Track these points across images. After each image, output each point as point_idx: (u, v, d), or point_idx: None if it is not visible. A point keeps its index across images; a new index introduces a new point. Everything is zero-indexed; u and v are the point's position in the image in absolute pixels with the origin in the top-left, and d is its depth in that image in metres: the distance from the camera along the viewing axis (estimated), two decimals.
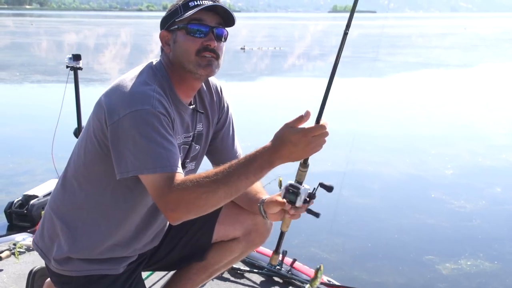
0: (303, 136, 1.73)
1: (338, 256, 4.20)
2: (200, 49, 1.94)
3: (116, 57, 24.27)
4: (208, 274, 2.40)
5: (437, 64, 20.82)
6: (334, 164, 6.62)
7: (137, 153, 1.80)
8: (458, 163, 6.87)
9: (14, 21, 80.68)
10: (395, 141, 8.06)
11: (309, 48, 29.15)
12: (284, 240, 2.21)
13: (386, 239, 4.56)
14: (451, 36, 45.59)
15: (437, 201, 5.45)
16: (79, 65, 4.25)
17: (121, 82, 1.93)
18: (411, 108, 10.94)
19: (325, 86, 1.90)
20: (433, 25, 79.44)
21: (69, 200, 2.08)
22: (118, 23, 74.42)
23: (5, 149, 7.30)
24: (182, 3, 1.97)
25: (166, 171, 1.78)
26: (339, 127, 8.77)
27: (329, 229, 4.69)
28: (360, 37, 42.68)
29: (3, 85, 13.85)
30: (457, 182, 6.13)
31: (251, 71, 19.19)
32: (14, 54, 23.26)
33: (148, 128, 1.80)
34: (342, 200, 5.45)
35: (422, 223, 4.89)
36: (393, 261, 4.15)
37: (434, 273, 3.92)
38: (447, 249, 4.36)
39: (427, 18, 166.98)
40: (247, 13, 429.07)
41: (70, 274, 2.07)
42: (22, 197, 4.23)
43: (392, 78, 16.51)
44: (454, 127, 9.17)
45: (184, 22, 1.95)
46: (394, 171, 6.48)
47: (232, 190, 1.77)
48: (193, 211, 1.79)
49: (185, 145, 2.10)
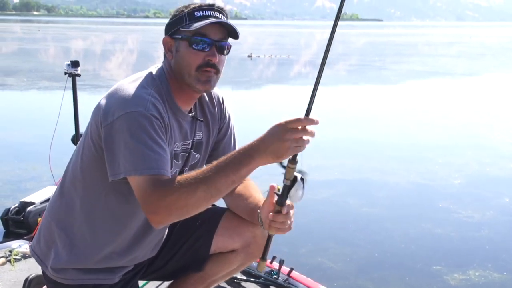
0: (292, 133, 1.71)
1: (344, 265, 4.16)
2: (202, 64, 1.94)
3: (123, 63, 24.37)
4: (206, 285, 2.37)
5: (444, 73, 20.78)
6: (341, 173, 6.62)
7: (127, 155, 1.80)
8: (466, 172, 6.83)
9: (22, 27, 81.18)
10: (402, 149, 8.02)
11: (315, 56, 29.16)
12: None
13: (393, 249, 4.51)
14: (457, 45, 45.56)
15: (445, 210, 5.41)
16: (77, 71, 4.22)
17: (119, 86, 1.94)
18: (418, 116, 10.89)
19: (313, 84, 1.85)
20: (439, 34, 79.41)
21: (66, 206, 2.07)
22: (125, 30, 74.77)
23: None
24: (187, 11, 1.95)
25: (152, 173, 1.77)
26: (345, 136, 8.77)
27: (335, 238, 4.68)
28: (367, 46, 42.77)
29: (10, 91, 13.90)
30: (464, 192, 6.09)
31: (257, 78, 19.21)
32: (22, 60, 23.38)
33: (139, 130, 1.80)
34: (349, 208, 5.44)
35: (429, 233, 4.84)
36: (400, 270, 4.11)
37: (442, 284, 3.88)
38: (455, 259, 4.31)
39: (433, 26, 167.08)
40: (253, 20, 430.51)
41: (66, 282, 2.07)
42: (19, 204, 4.16)
43: (398, 87, 16.49)
44: (461, 136, 9.13)
45: (188, 34, 1.93)
46: (401, 180, 6.44)
47: (212, 190, 1.74)
48: (174, 213, 1.76)
49: (183, 153, 2.09)
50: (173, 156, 2.02)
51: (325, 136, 8.84)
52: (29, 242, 3.66)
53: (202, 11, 1.94)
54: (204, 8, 1.95)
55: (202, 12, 1.94)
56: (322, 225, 5.04)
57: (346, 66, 23.04)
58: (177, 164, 2.07)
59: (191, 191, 1.72)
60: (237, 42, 2.07)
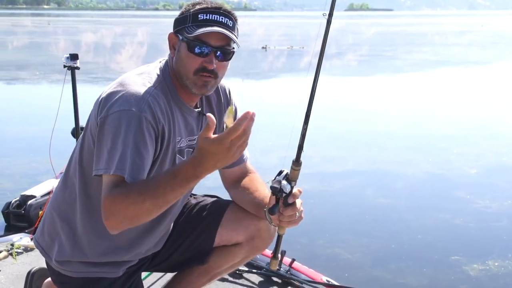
0: (219, 144, 1.57)
1: (361, 256, 4.14)
2: (199, 69, 1.91)
3: (133, 56, 24.36)
4: (209, 278, 2.37)
5: (456, 62, 20.62)
6: (356, 164, 6.58)
7: (105, 153, 1.79)
8: (482, 162, 6.77)
9: (33, 20, 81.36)
10: (416, 140, 7.95)
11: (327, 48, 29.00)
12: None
13: (410, 239, 4.48)
14: (469, 34, 45.17)
15: (462, 200, 5.37)
16: (76, 64, 4.22)
17: (122, 80, 1.92)
18: (431, 106, 10.81)
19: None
20: (450, 23, 78.82)
21: (69, 199, 2.07)
22: (135, 22, 74.80)
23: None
24: (192, 11, 1.91)
25: (117, 173, 1.75)
26: (359, 127, 8.72)
27: (352, 229, 4.65)
28: (377, 35, 42.54)
29: (23, 85, 13.93)
30: (481, 182, 6.03)
31: (268, 70, 19.13)
32: (33, 54, 23.45)
33: (126, 131, 1.79)
34: (365, 199, 5.41)
35: (447, 223, 4.81)
36: (417, 262, 4.07)
37: (461, 274, 3.85)
38: (473, 250, 4.28)
39: (444, 15, 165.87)
40: (263, 11, 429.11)
41: (70, 275, 2.08)
42: (20, 198, 4.16)
43: (411, 76, 16.37)
44: (476, 126, 9.05)
45: (189, 37, 1.90)
46: (416, 170, 6.39)
47: (160, 202, 1.71)
48: (124, 221, 1.74)
49: (189, 148, 2.07)
50: (176, 152, 2.01)
51: (339, 127, 8.82)
52: (31, 235, 3.67)
53: (206, 14, 1.89)
54: (209, 11, 1.89)
55: (206, 16, 1.89)
56: (338, 216, 5.02)
57: (357, 56, 22.91)
58: (182, 160, 2.05)
59: (139, 203, 1.69)
60: (248, 34, 2.04)
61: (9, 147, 7.39)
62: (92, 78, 14.31)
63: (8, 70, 16.82)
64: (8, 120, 9.21)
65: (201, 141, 1.59)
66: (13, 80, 14.77)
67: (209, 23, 1.88)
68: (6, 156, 6.89)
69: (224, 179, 2.31)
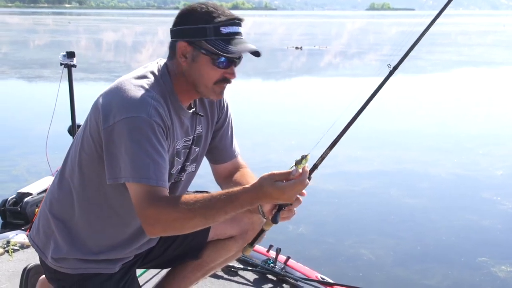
0: (282, 193, 1.75)
1: (386, 257, 4.10)
2: (221, 79, 1.94)
3: (153, 55, 24.47)
4: (204, 272, 2.41)
5: (481, 62, 20.38)
6: (381, 164, 6.53)
7: (126, 160, 1.80)
8: (508, 163, 6.68)
9: (54, 19, 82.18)
10: (442, 140, 7.86)
11: (348, 48, 28.87)
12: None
13: (436, 241, 4.43)
14: (492, 34, 44.69)
15: (488, 201, 5.29)
16: (73, 62, 4.23)
17: (121, 84, 1.90)
18: (456, 106, 10.72)
19: None
20: (473, 23, 78.04)
21: (65, 199, 2.07)
22: (156, 21, 75.07)
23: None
24: (213, 25, 1.87)
25: (150, 184, 1.79)
26: (384, 126, 8.65)
27: (378, 229, 4.61)
28: (399, 35, 42.12)
29: (48, 83, 14.06)
30: (508, 183, 5.96)
31: (307, 69, 19.09)
32: (54, 52, 23.66)
33: (140, 137, 1.80)
34: (391, 200, 5.36)
35: (474, 224, 4.75)
36: (443, 263, 4.02)
37: (489, 276, 3.79)
38: (501, 251, 4.21)
39: (466, 15, 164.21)
40: (283, 11, 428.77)
41: (67, 271, 2.08)
42: (16, 195, 4.17)
43: (435, 76, 16.21)
44: (501, 126, 8.94)
45: (214, 51, 1.87)
46: (442, 171, 6.32)
47: (209, 221, 1.82)
48: (169, 231, 1.85)
49: (185, 149, 2.08)
50: (174, 154, 2.02)
51: (364, 127, 8.73)
52: (27, 232, 3.67)
53: (227, 27, 1.88)
54: (229, 23, 1.89)
55: (228, 29, 1.89)
56: (364, 216, 4.98)
57: (379, 56, 22.73)
58: (179, 161, 2.07)
59: (188, 218, 1.78)
60: (270, 34, 2.01)
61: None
62: (111, 77, 14.40)
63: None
64: (29, 119, 9.27)
65: (269, 182, 1.74)
66: (38, 78, 14.91)
67: (234, 36, 1.89)
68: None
69: (216, 174, 2.32)
